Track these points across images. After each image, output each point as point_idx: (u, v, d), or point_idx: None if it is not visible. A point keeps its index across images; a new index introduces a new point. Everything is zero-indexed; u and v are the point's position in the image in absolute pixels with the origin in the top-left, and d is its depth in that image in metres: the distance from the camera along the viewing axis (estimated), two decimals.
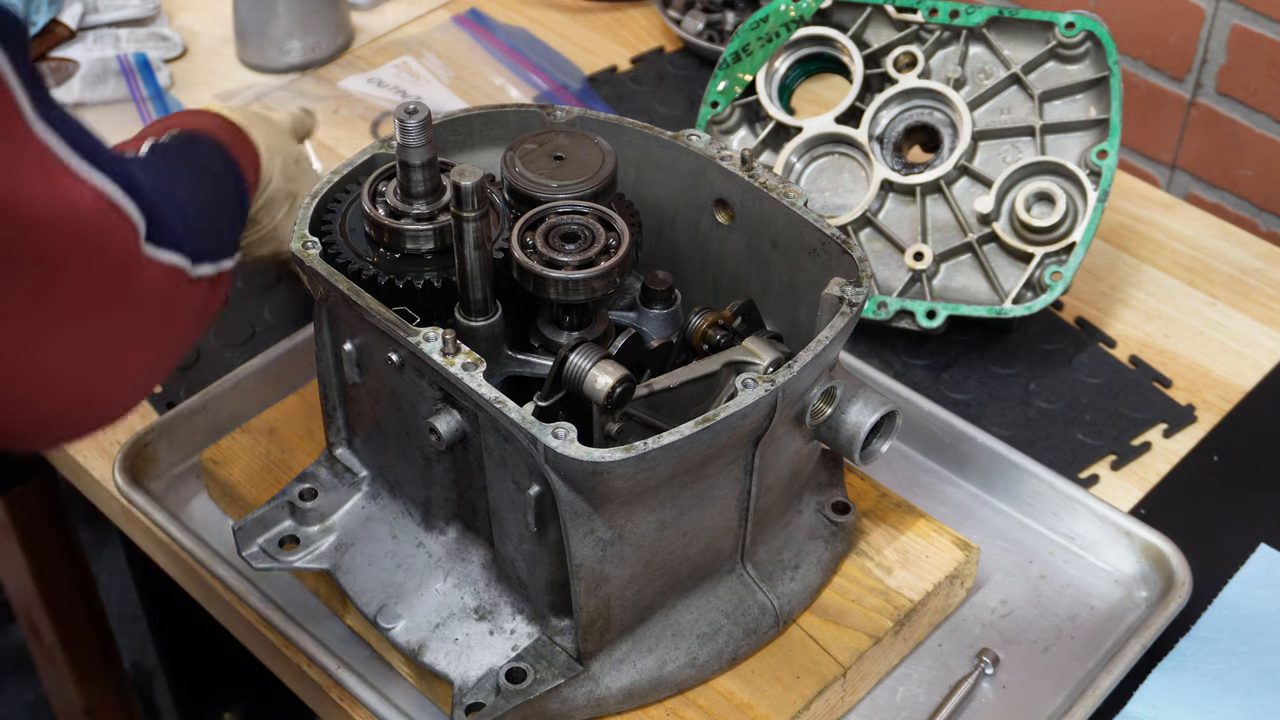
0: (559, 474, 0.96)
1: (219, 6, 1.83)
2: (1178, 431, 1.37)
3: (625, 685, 1.09)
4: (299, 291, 1.49)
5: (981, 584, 1.24)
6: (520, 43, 1.83)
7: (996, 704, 1.16)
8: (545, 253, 1.06)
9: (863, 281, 1.06)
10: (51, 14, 1.75)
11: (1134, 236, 1.57)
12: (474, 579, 1.12)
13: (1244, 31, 1.62)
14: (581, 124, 1.19)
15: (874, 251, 1.43)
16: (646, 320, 1.13)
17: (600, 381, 1.00)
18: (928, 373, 1.42)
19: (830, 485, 1.20)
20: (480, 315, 1.07)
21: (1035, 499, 1.28)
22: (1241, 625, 1.21)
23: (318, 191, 1.13)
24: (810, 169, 1.48)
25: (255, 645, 1.23)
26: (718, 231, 1.19)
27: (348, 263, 1.09)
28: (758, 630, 1.13)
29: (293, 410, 1.30)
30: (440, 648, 1.09)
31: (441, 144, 1.18)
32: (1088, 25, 1.39)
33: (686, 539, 1.06)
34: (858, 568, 1.19)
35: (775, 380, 0.99)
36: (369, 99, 1.74)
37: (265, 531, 1.16)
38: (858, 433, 1.05)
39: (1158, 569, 1.23)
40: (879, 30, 1.48)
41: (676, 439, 0.95)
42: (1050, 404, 1.39)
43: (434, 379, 1.03)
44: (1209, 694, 1.16)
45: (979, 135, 1.43)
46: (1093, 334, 1.46)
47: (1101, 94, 1.40)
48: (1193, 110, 1.71)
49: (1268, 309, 1.49)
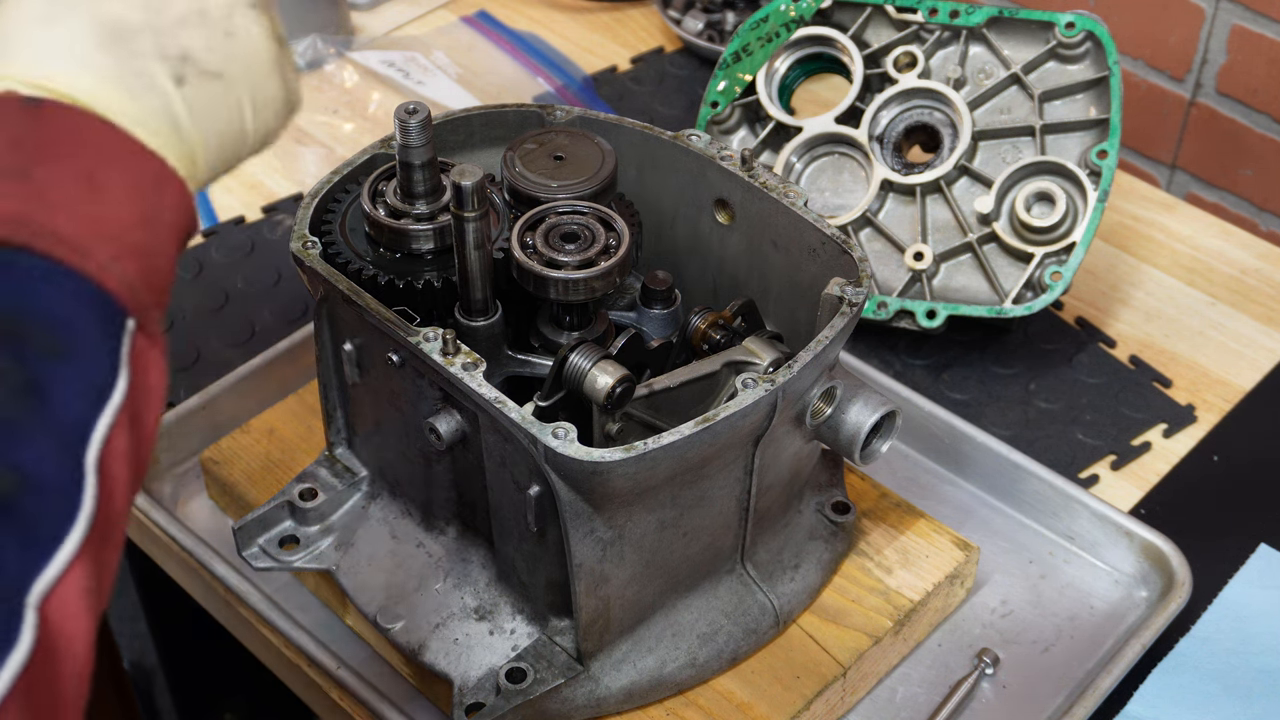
0: (559, 474, 0.96)
1: None
2: (1178, 431, 1.37)
3: (625, 685, 1.09)
4: (299, 291, 1.49)
5: (981, 584, 1.24)
6: (526, 45, 1.83)
7: (996, 704, 1.16)
8: (545, 253, 1.06)
9: (863, 281, 1.06)
10: None
11: (1134, 236, 1.57)
12: (474, 579, 1.12)
13: (1244, 31, 1.62)
14: (581, 124, 1.19)
15: (874, 251, 1.43)
16: (646, 320, 1.13)
17: (600, 381, 1.00)
18: (928, 373, 1.42)
19: (830, 485, 1.20)
20: (480, 315, 1.07)
21: (1035, 499, 1.28)
22: (1241, 625, 1.21)
23: (318, 191, 1.13)
24: (810, 169, 1.48)
25: (255, 645, 1.23)
26: (718, 231, 1.19)
27: (348, 263, 1.09)
28: (758, 630, 1.13)
29: (293, 410, 1.30)
30: (440, 648, 1.09)
31: (441, 144, 1.18)
32: (1088, 25, 1.39)
33: (686, 539, 1.06)
34: (858, 568, 1.19)
35: (775, 380, 0.99)
36: (376, 73, 1.74)
37: (265, 531, 1.16)
38: (858, 433, 1.05)
39: (1158, 569, 1.23)
40: (879, 30, 1.48)
41: (676, 439, 0.95)
42: (1050, 404, 1.39)
43: (434, 379, 1.03)
44: (1209, 694, 1.16)
45: (979, 135, 1.43)
46: (1093, 334, 1.46)
47: (1101, 94, 1.40)
48: (1193, 110, 1.71)
49: (1268, 309, 1.49)
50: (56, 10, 0.73)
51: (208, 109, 0.76)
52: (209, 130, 0.76)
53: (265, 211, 1.60)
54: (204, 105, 0.75)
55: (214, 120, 0.76)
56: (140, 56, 0.73)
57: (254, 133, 0.79)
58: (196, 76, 0.75)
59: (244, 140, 0.79)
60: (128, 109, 0.72)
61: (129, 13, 0.73)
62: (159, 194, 0.72)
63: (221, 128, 0.77)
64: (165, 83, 0.73)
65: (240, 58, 0.77)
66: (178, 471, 1.32)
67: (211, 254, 1.54)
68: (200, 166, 0.76)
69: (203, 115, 0.75)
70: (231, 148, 0.78)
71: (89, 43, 0.72)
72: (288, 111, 0.82)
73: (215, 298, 1.50)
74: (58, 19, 0.73)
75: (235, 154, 0.79)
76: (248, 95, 0.78)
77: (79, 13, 0.73)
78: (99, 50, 0.72)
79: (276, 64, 0.79)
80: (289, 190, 1.62)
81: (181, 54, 0.74)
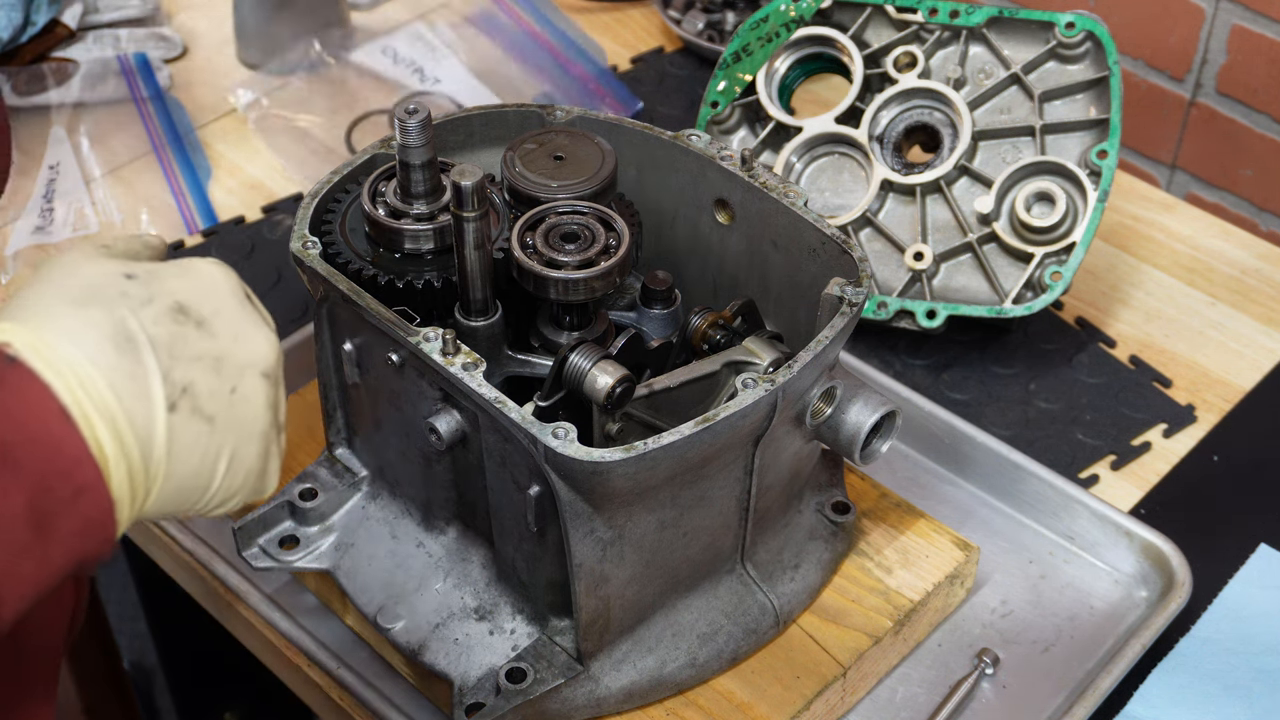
0: (559, 474, 0.96)
1: (219, 6, 1.83)
2: (1178, 431, 1.37)
3: (625, 685, 1.09)
4: (299, 291, 1.49)
5: (981, 584, 1.24)
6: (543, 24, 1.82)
7: (996, 704, 1.16)
8: (545, 253, 1.06)
9: (863, 281, 1.06)
10: (51, 14, 1.75)
11: (1134, 236, 1.57)
12: (474, 579, 1.12)
13: (1244, 31, 1.62)
14: (581, 124, 1.19)
15: (874, 251, 1.43)
16: (646, 320, 1.13)
17: (600, 381, 1.00)
18: (928, 373, 1.42)
19: (830, 485, 1.20)
20: (480, 315, 1.07)
21: (1035, 499, 1.28)
22: (1241, 625, 1.21)
23: (318, 191, 1.13)
24: (810, 169, 1.48)
25: (255, 645, 1.23)
26: (718, 231, 1.19)
27: (348, 263, 1.09)
28: (758, 630, 1.13)
29: (293, 410, 1.30)
30: (440, 648, 1.09)
31: (441, 144, 1.18)
32: (1088, 25, 1.39)
33: (686, 539, 1.06)
34: (858, 568, 1.19)
35: (775, 380, 0.99)
36: (381, 76, 1.73)
37: (265, 531, 1.16)
38: (858, 433, 1.05)
39: (1158, 569, 1.23)
40: (879, 30, 1.48)
41: (676, 439, 0.95)
42: (1050, 404, 1.39)
43: (434, 379, 1.03)
44: (1209, 694, 1.16)
45: (979, 135, 1.43)
46: (1093, 334, 1.46)
47: (1101, 94, 1.40)
48: (1193, 110, 1.71)
49: (1268, 309, 1.49)
50: (92, 299, 0.75)
51: (186, 444, 0.76)
52: (177, 466, 0.76)
53: (265, 211, 1.60)
54: (184, 439, 0.76)
55: (187, 458, 0.76)
56: (146, 369, 0.74)
57: (218, 491, 0.79)
58: (189, 411, 0.76)
59: (205, 492, 0.79)
60: (107, 405, 0.72)
61: (155, 330, 0.75)
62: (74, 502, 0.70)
63: (190, 470, 0.77)
64: (158, 400, 0.74)
65: (236, 414, 0.78)
66: None
67: (211, 254, 1.54)
68: (149, 498, 0.75)
69: (179, 448, 0.75)
70: (189, 495, 0.78)
71: (105, 337, 0.74)
72: (257, 487, 0.82)
73: None
74: (89, 305, 0.74)
75: (189, 502, 0.78)
76: (229, 450, 0.78)
77: (111, 309, 0.74)
78: (112, 347, 0.73)
79: (265, 436, 0.81)
80: (289, 190, 1.62)
81: (185, 385, 0.76)
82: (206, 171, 1.64)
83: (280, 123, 1.70)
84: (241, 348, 0.80)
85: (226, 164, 1.66)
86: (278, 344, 0.83)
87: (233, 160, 1.66)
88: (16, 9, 1.69)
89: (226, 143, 1.68)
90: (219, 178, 1.64)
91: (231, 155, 1.67)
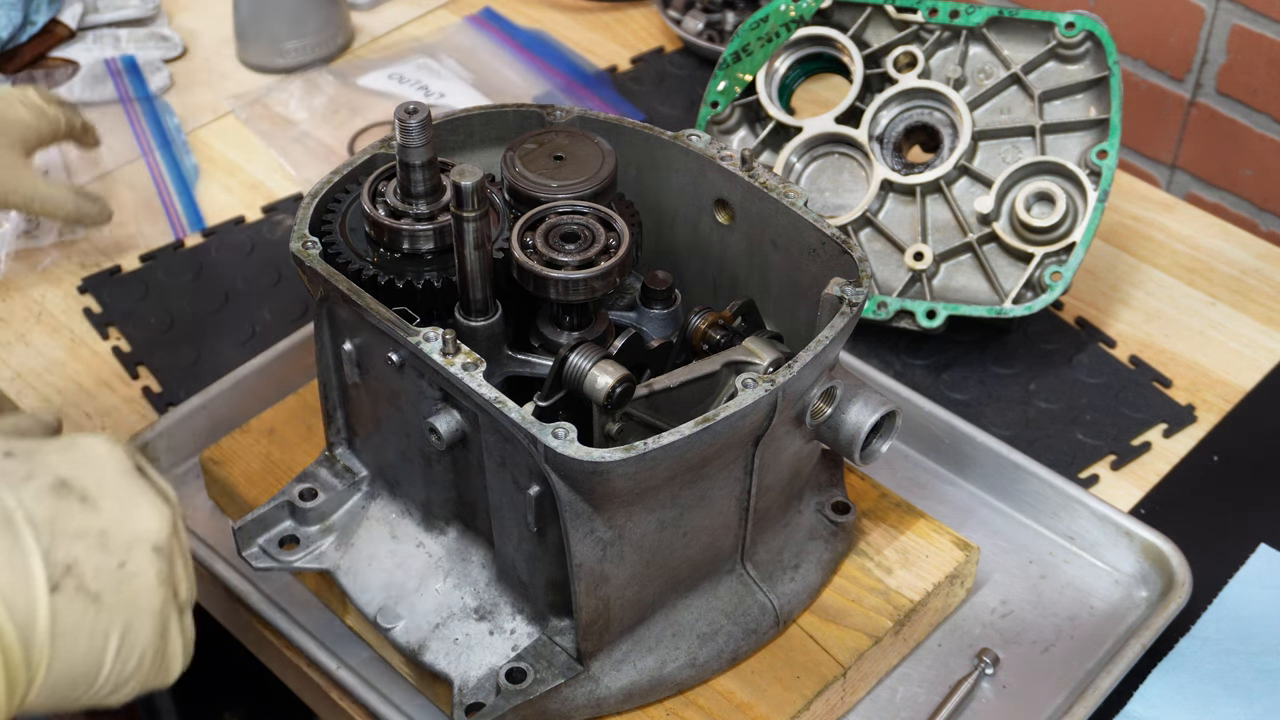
0: (559, 474, 0.96)
1: (219, 6, 1.83)
2: (1178, 431, 1.37)
3: (625, 685, 1.09)
4: (299, 291, 1.49)
5: (981, 584, 1.24)
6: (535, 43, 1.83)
7: (996, 704, 1.16)
8: (545, 253, 1.06)
9: (863, 281, 1.06)
10: (51, 14, 1.75)
11: (1134, 236, 1.57)
12: (474, 579, 1.12)
13: (1244, 31, 1.62)
14: (581, 124, 1.19)
15: (874, 251, 1.43)
16: (646, 320, 1.13)
17: (600, 381, 1.00)
18: (928, 373, 1.42)
19: (830, 485, 1.20)
20: (480, 315, 1.07)
21: (1035, 499, 1.28)
22: (1241, 625, 1.21)
23: (318, 191, 1.13)
24: (810, 169, 1.48)
25: (255, 645, 1.23)
26: (718, 231, 1.19)
27: (348, 263, 1.09)
28: (758, 630, 1.13)
29: (293, 410, 1.30)
30: (440, 648, 1.09)
31: (441, 144, 1.18)
32: (1088, 25, 1.40)
33: (686, 539, 1.06)
34: (858, 568, 1.19)
35: (775, 380, 0.99)
36: (390, 96, 1.73)
37: (265, 531, 1.16)
38: (858, 433, 1.05)
39: (1158, 569, 1.23)
40: (879, 30, 1.48)
41: (676, 439, 0.95)
42: (1050, 404, 1.39)
43: (434, 379, 1.03)
44: (1209, 694, 1.16)
45: (979, 135, 1.43)
46: (1093, 334, 1.46)
47: (1101, 94, 1.40)
48: (1193, 110, 1.71)
49: (1268, 309, 1.49)
50: None
51: (71, 625, 0.72)
52: (63, 649, 0.72)
53: (265, 211, 1.60)
54: (69, 620, 0.72)
55: (73, 641, 0.72)
56: (25, 549, 0.70)
57: (109, 676, 0.74)
58: (74, 590, 0.72)
59: (94, 679, 0.74)
60: None
61: (34, 507, 0.72)
62: None
63: (78, 653, 0.72)
64: (38, 581, 0.70)
65: (125, 591, 0.74)
66: (178, 471, 1.32)
67: (211, 254, 1.54)
68: (31, 686, 0.71)
69: (64, 629, 0.71)
70: (78, 682, 0.73)
71: None
72: (157, 669, 0.77)
73: (215, 298, 1.50)
74: None
75: (79, 690, 0.73)
76: (118, 630, 0.74)
77: None
78: None
79: (160, 614, 0.76)
80: (289, 190, 1.62)
81: (69, 564, 0.72)
82: (195, 174, 1.63)
83: (280, 123, 1.70)
84: (129, 521, 0.75)
85: (226, 164, 1.66)
86: (171, 517, 0.78)
87: (233, 160, 1.66)
88: (16, 8, 1.69)
89: (226, 142, 1.68)
90: (219, 178, 1.64)
91: (231, 155, 1.67)
